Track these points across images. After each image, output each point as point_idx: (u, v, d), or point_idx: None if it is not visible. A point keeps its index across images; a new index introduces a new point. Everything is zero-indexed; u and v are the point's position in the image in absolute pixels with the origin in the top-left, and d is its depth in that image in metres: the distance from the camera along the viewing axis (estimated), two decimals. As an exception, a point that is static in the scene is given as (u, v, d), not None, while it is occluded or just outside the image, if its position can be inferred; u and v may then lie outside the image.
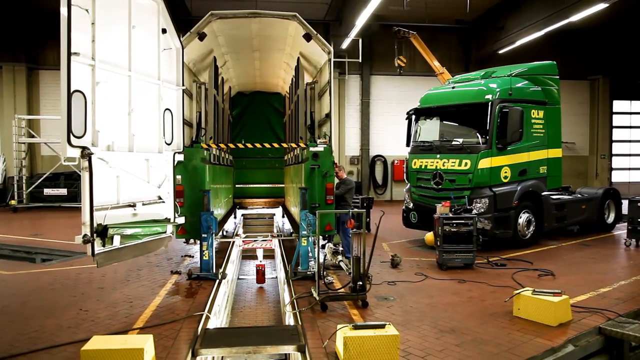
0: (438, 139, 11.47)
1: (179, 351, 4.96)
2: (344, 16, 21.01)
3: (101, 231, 5.55)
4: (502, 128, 10.36)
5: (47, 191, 19.86)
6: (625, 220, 11.95)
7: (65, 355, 4.85)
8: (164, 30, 7.10)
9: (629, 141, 27.34)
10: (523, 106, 10.60)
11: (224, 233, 12.11)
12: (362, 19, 17.47)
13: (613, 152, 26.82)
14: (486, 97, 10.57)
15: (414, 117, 12.32)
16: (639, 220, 10.81)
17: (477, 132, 10.66)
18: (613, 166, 26.81)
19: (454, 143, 11.00)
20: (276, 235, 10.68)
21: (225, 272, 8.17)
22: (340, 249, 7.75)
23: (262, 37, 10.50)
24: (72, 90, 5.20)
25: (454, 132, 11.41)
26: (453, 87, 11.86)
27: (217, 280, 7.72)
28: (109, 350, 4.24)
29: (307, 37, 9.15)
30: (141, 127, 6.57)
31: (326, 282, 7.40)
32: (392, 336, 4.63)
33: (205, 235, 8.05)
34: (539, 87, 11.49)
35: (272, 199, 16.77)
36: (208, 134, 10.39)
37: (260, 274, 8.64)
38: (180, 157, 7.68)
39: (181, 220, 7.55)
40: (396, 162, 23.99)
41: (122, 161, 6.14)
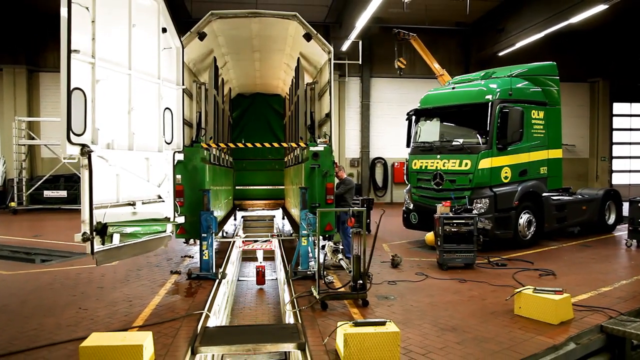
0: (438, 140, 11.45)
1: (179, 349, 4.93)
2: (344, 18, 21.03)
3: (101, 229, 5.53)
4: (503, 128, 10.35)
5: (47, 193, 19.87)
6: (625, 222, 11.92)
7: (64, 353, 4.83)
8: (164, 30, 7.12)
9: (629, 143, 27.34)
10: (523, 106, 10.58)
11: (224, 234, 12.09)
12: (362, 21, 17.47)
13: (613, 154, 26.83)
14: (486, 98, 10.55)
15: (414, 117, 12.30)
16: (640, 220, 10.79)
17: (477, 133, 10.63)
18: (613, 168, 26.81)
19: (454, 143, 10.97)
20: (276, 236, 10.65)
21: (225, 272, 8.14)
22: (341, 247, 7.73)
23: (262, 38, 10.51)
24: (72, 87, 5.19)
25: (454, 132, 11.39)
26: (453, 88, 11.84)
27: (217, 280, 7.70)
28: (108, 346, 4.22)
29: (307, 36, 9.15)
30: (141, 126, 6.57)
31: (326, 281, 7.38)
32: (392, 333, 4.60)
33: (205, 235, 8.02)
34: (539, 88, 11.48)
35: (272, 200, 16.75)
36: (208, 134, 10.39)
37: (260, 275, 8.62)
38: (180, 156, 7.68)
39: (181, 219, 7.54)
40: (396, 164, 23.95)
41: (122, 159, 6.13)
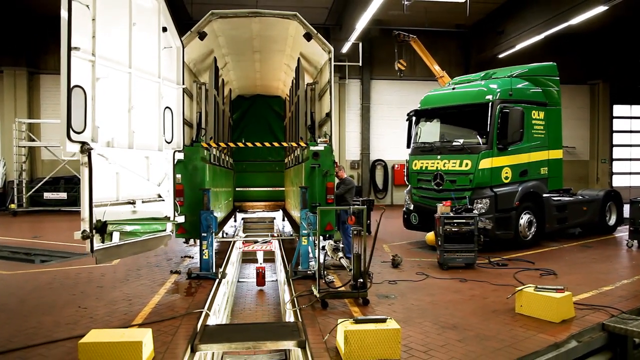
0: (439, 140, 11.44)
1: (178, 346, 4.90)
2: (344, 20, 21.07)
3: (100, 227, 5.52)
4: (503, 128, 10.33)
5: (47, 195, 19.86)
6: (626, 223, 11.89)
7: (63, 350, 4.80)
8: (165, 29, 7.12)
9: (630, 145, 27.36)
10: (523, 107, 10.56)
11: (224, 235, 12.06)
12: (362, 22, 17.50)
13: (613, 156, 26.84)
14: (487, 98, 10.55)
15: (414, 118, 12.29)
16: (641, 221, 10.76)
17: (477, 133, 10.62)
18: (614, 170, 26.81)
19: (454, 144, 10.95)
20: (277, 237, 10.62)
21: (225, 272, 8.11)
22: (341, 245, 7.71)
23: (263, 38, 10.51)
24: (72, 85, 5.18)
25: (454, 132, 11.36)
26: (453, 89, 11.83)
27: (217, 279, 7.67)
28: (107, 343, 4.20)
29: (308, 36, 9.15)
30: (141, 125, 6.56)
31: (327, 281, 7.36)
32: (393, 330, 4.58)
33: (205, 235, 8.00)
34: (540, 88, 11.48)
35: (273, 202, 16.73)
36: (208, 135, 10.38)
37: (260, 277, 8.60)
38: (180, 155, 7.67)
39: (181, 219, 7.52)
40: (396, 166, 23.94)
41: (122, 158, 6.12)
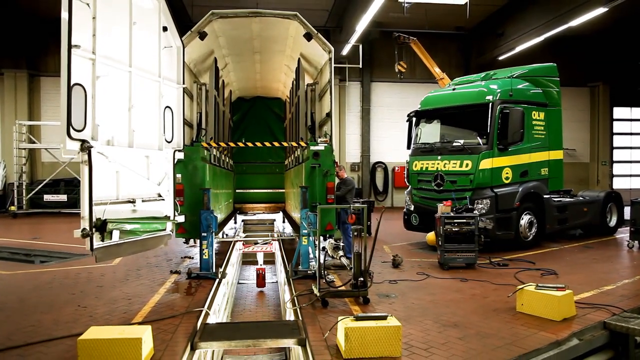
0: (439, 141, 11.44)
1: (178, 344, 4.88)
2: (345, 22, 21.10)
3: (100, 225, 5.51)
4: (503, 129, 10.33)
5: (47, 197, 19.80)
6: (627, 225, 11.86)
7: (62, 348, 4.78)
8: (165, 28, 7.13)
9: (630, 148, 27.35)
10: (524, 107, 10.55)
11: (224, 235, 12.04)
12: (362, 24, 17.51)
13: (614, 158, 26.83)
14: (487, 98, 10.55)
15: (414, 119, 12.30)
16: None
17: (478, 133, 10.62)
18: (614, 173, 26.78)
19: (455, 144, 10.96)
20: (277, 238, 10.60)
21: (225, 272, 8.09)
22: (341, 244, 7.68)
23: (263, 38, 10.52)
24: (72, 83, 5.18)
25: (454, 133, 11.37)
26: (453, 89, 11.84)
27: (217, 279, 7.64)
28: (107, 339, 4.18)
29: (308, 36, 9.15)
30: (141, 124, 6.55)
31: (327, 280, 7.34)
32: (394, 327, 4.56)
33: (205, 234, 7.97)
34: (540, 89, 11.48)
35: (273, 204, 16.71)
36: (208, 135, 10.38)
37: (260, 278, 8.57)
38: (181, 155, 7.66)
39: (181, 218, 7.50)
40: (397, 168, 23.94)
41: (122, 156, 6.11)
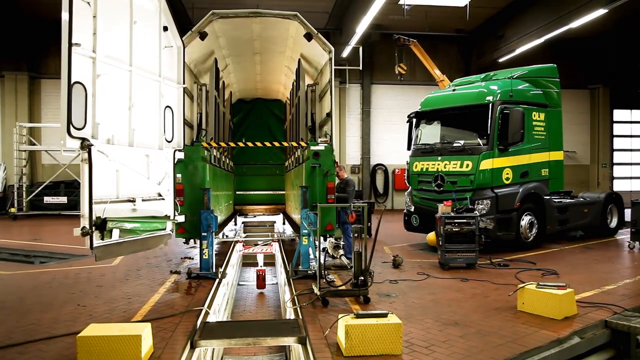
0: (439, 141, 11.43)
1: (177, 342, 4.86)
2: (345, 25, 21.13)
3: (100, 224, 5.50)
4: (504, 129, 10.33)
5: (47, 199, 19.82)
6: (628, 226, 11.83)
7: (62, 346, 4.76)
8: (165, 28, 7.15)
9: (630, 150, 27.33)
10: (524, 108, 10.56)
11: (224, 236, 12.03)
12: (362, 26, 17.53)
13: (614, 161, 26.81)
14: (487, 99, 10.55)
15: (414, 120, 12.31)
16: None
17: (478, 134, 10.62)
18: (614, 175, 26.76)
19: (455, 145, 10.95)
20: (277, 240, 10.57)
21: (225, 272, 8.07)
22: (342, 243, 7.67)
23: (263, 39, 10.52)
24: (72, 81, 5.18)
25: (455, 134, 11.36)
26: (454, 90, 11.84)
27: (217, 279, 7.62)
28: (106, 336, 4.16)
29: (308, 36, 9.16)
30: (141, 123, 6.56)
31: (327, 280, 7.32)
32: (394, 324, 4.54)
33: (205, 234, 7.96)
34: (540, 90, 11.48)
35: (273, 205, 16.70)
36: (208, 136, 10.37)
37: (260, 279, 8.58)
38: (181, 155, 7.66)
39: (181, 218, 7.49)
40: (397, 171, 23.93)
41: (122, 155, 6.11)
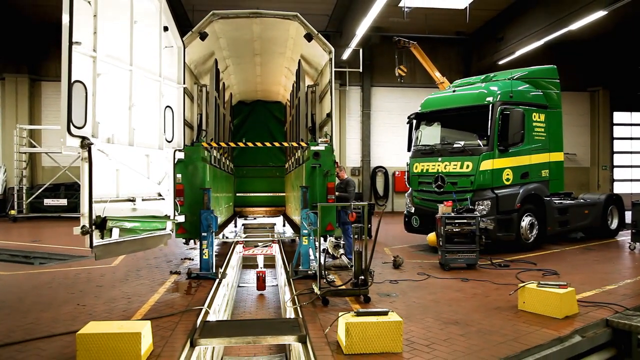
0: (439, 142, 11.43)
1: (177, 341, 4.84)
2: (345, 27, 21.16)
3: (100, 223, 5.49)
4: (504, 130, 10.33)
5: (47, 201, 19.79)
6: (628, 228, 11.80)
7: (62, 344, 4.75)
8: (166, 28, 7.16)
9: (630, 152, 27.33)
10: (524, 109, 10.57)
11: (225, 237, 12.01)
12: (362, 28, 17.55)
13: (614, 163, 26.81)
14: (487, 100, 10.55)
15: (415, 121, 12.31)
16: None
17: (478, 135, 10.61)
18: (614, 177, 26.76)
19: (455, 146, 10.95)
20: (277, 241, 10.56)
21: (225, 272, 8.06)
22: (342, 242, 7.65)
23: (264, 40, 10.53)
24: (72, 80, 5.19)
25: (455, 135, 11.36)
26: (454, 91, 11.85)
27: (217, 279, 7.61)
28: (106, 334, 4.14)
29: (309, 37, 9.17)
30: (142, 122, 6.56)
31: (328, 280, 7.30)
32: (395, 322, 4.53)
33: (205, 234, 7.94)
34: (540, 91, 11.48)
35: (273, 207, 16.70)
36: (209, 137, 10.38)
37: (260, 281, 8.56)
38: (181, 155, 7.65)
39: (181, 218, 7.48)
40: (397, 173, 23.91)
41: (122, 155, 6.11)
